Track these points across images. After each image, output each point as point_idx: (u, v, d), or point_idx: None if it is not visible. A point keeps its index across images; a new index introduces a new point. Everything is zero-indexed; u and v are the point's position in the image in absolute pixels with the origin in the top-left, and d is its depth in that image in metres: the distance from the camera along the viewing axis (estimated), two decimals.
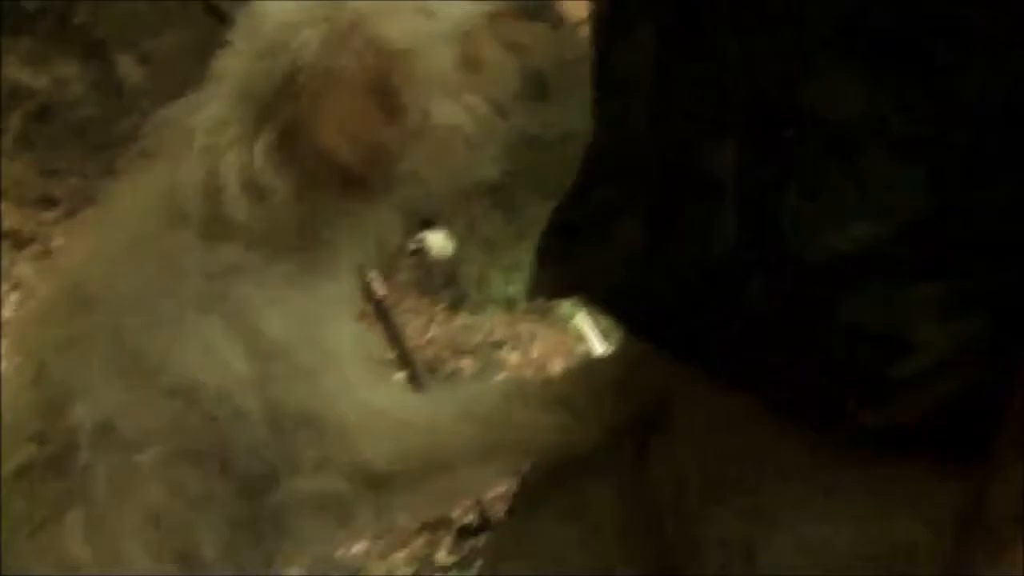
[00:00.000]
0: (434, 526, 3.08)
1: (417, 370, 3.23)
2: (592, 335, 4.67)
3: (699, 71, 1.00)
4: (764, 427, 1.01)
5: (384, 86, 1.12)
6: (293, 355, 1.10)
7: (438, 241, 6.97)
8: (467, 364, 4.97)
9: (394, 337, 3.30)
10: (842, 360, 0.95)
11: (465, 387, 1.34)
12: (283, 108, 1.13)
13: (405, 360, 3.29)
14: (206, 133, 1.16)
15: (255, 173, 1.13)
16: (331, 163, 1.11)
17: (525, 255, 5.23)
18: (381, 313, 3.26)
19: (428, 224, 6.97)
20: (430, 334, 5.29)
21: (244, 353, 1.09)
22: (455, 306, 5.69)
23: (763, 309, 0.96)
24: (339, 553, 2.96)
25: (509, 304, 5.53)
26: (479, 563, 2.07)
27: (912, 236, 0.93)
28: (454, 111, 1.16)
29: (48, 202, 6.31)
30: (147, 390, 1.09)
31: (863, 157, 0.93)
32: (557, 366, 4.44)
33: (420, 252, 6.87)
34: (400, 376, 3.90)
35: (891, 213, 0.93)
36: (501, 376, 4.92)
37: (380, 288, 3.25)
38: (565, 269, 1.09)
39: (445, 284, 5.90)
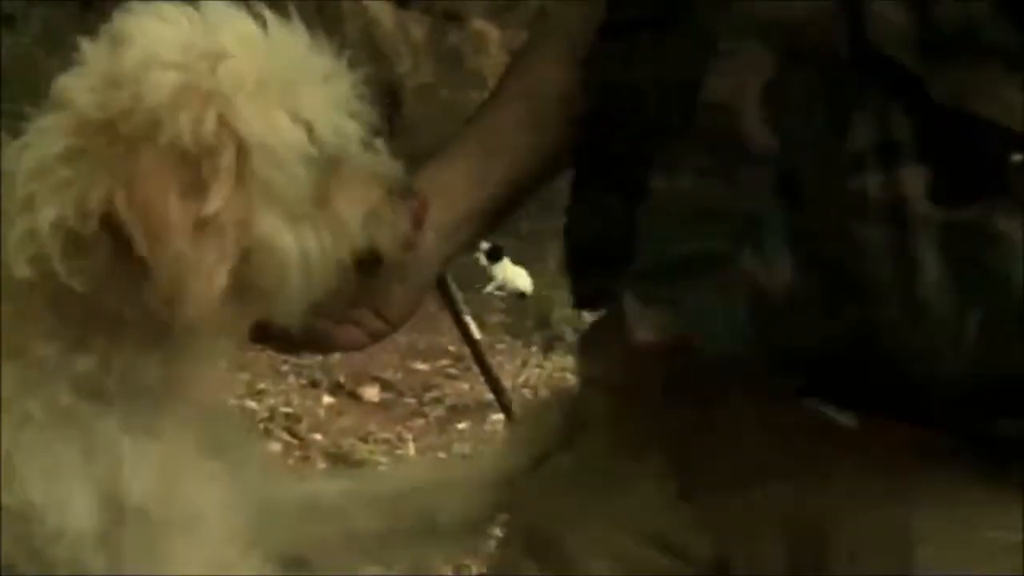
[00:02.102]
0: None
1: (514, 413, 3.28)
2: None
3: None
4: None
5: (201, 173, 0.98)
6: (147, 520, 1.00)
7: (510, 273, 6.96)
8: None
9: (492, 381, 3.35)
10: None
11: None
12: (118, 152, 0.98)
13: (503, 404, 3.35)
14: (30, 176, 0.99)
15: (77, 228, 0.97)
16: (108, 225, 0.96)
17: None
18: (477, 357, 3.32)
19: (494, 254, 6.93)
20: (525, 376, 5.33)
21: (96, 504, 0.99)
22: (548, 347, 5.74)
23: (980, 345, 0.92)
24: None
25: None
26: None
27: None
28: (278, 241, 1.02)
29: None
30: None
31: None
32: None
33: (502, 288, 6.89)
34: (497, 419, 3.97)
35: None
36: None
37: (476, 332, 3.31)
38: (671, 311, 1.02)
39: (537, 326, 5.96)
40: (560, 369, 5.33)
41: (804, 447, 1.02)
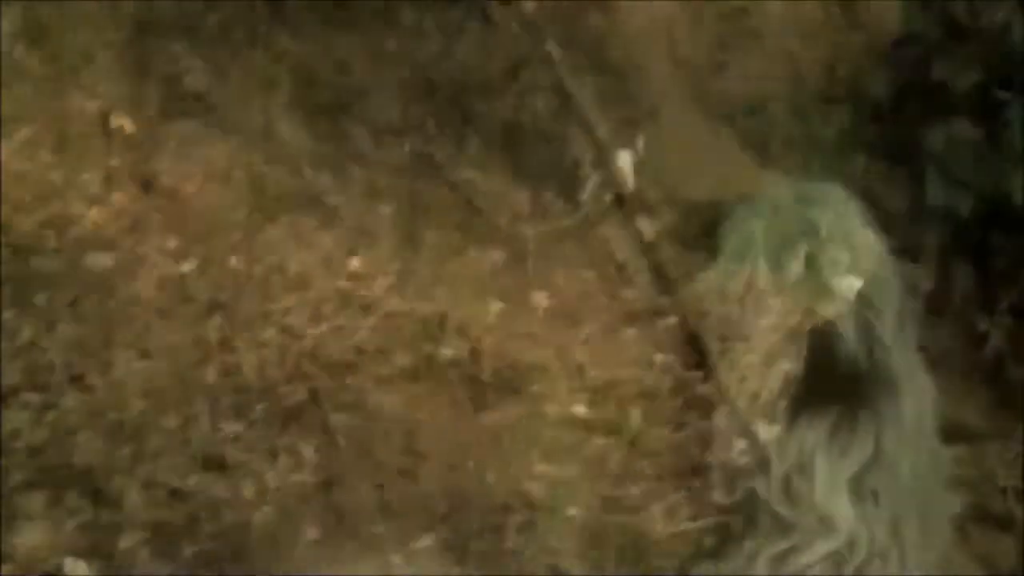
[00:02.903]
0: (708, 468, 3.15)
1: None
2: None
3: None
4: None
5: None
6: None
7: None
8: None
9: (665, 285, 3.38)
10: None
11: None
12: None
13: (673, 309, 3.37)
14: None
15: None
16: None
17: None
18: (651, 262, 3.35)
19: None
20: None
21: None
22: (714, 255, 5.72)
23: None
24: (617, 493, 3.06)
25: None
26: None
27: None
28: None
29: None
30: None
31: None
32: None
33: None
34: (665, 325, 3.98)
35: None
36: None
37: (647, 237, 3.33)
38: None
39: (704, 233, 5.93)
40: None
41: None
